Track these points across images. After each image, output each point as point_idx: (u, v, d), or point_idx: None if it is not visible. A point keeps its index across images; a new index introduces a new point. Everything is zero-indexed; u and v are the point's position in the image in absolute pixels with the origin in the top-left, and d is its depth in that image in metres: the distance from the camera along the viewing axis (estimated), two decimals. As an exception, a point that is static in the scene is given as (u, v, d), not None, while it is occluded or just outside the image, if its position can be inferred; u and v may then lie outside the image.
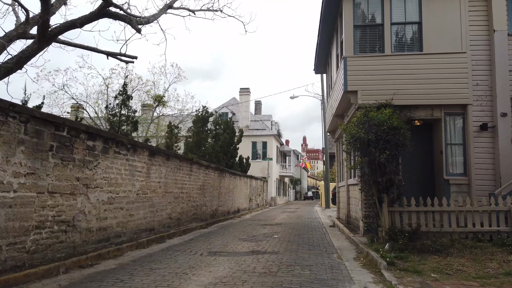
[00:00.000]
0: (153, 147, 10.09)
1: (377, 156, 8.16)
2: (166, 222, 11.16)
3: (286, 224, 15.05)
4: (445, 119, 10.45)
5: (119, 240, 8.43)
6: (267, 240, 10.01)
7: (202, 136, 16.72)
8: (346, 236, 10.84)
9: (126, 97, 10.72)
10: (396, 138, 8.35)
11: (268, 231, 12.22)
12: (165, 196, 11.03)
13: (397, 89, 10.28)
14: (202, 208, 14.59)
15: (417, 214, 8.50)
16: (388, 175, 8.28)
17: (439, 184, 10.40)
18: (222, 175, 17.53)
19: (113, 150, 8.15)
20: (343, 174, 15.30)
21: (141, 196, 9.52)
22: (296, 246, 8.96)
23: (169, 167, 11.25)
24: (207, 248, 8.69)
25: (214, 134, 20.02)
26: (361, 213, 10.32)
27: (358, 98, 10.43)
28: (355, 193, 12.14)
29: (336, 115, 14.13)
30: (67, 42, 10.30)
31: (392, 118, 8.50)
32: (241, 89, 41.52)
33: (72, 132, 6.76)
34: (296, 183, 65.68)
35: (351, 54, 10.73)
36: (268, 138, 40.55)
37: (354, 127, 8.72)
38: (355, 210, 12.34)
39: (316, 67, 18.48)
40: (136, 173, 9.21)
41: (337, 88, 12.52)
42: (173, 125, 17.14)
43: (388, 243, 7.69)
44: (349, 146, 9.08)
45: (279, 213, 23.35)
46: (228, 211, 18.94)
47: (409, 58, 10.58)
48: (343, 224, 13.31)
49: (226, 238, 10.56)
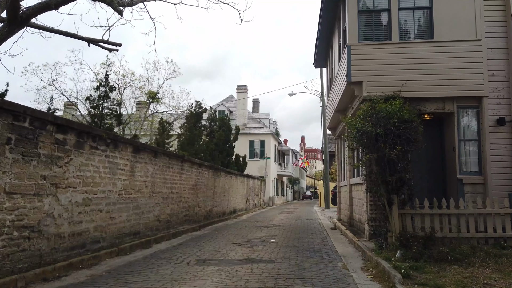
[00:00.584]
0: (138, 142, 9.17)
1: (387, 152, 7.27)
2: (154, 225, 10.24)
3: (284, 226, 14.16)
4: (458, 113, 9.56)
5: (97, 246, 7.51)
6: (263, 245, 9.10)
7: (195, 132, 15.79)
8: (349, 241, 9.95)
9: (109, 88, 9.80)
10: (407, 133, 7.46)
11: (265, 234, 11.32)
12: (153, 196, 10.11)
13: (406, 80, 9.39)
14: (194, 209, 13.67)
15: (431, 217, 7.62)
16: (398, 174, 7.38)
17: (452, 184, 9.52)
18: (217, 174, 16.61)
19: (89, 145, 7.22)
20: (345, 173, 14.41)
21: (124, 197, 8.60)
22: (296, 252, 8.06)
23: (157, 165, 10.33)
24: (196, 255, 7.78)
25: (209, 131, 19.09)
26: (366, 215, 9.43)
27: (363, 90, 9.53)
28: (359, 193, 11.25)
29: (338, 110, 13.23)
30: (43, 27, 9.36)
31: (403, 110, 7.61)
32: (238, 86, 40.59)
33: (36, 123, 5.84)
34: (294, 182, 64.81)
35: (355, 41, 9.83)
36: (266, 136, 39.64)
37: (360, 120, 7.83)
38: (358, 212, 11.45)
39: (315, 60, 17.59)
40: (118, 171, 8.29)
41: (340, 80, 11.62)
42: (165, 121, 16.22)
43: (399, 251, 6.79)
44: (354, 141, 8.19)
45: (277, 214, 22.46)
46: (224, 212, 18.03)
47: (419, 46, 9.70)
48: (345, 227, 12.42)
49: (219, 242, 9.65)
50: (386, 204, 7.51)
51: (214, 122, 19.70)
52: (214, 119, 19.60)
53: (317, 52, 16.49)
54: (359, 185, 11.03)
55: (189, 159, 12.78)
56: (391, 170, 7.42)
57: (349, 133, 8.63)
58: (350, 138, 8.52)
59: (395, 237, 7.29)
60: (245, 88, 40.25)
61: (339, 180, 16.54)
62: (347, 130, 10.29)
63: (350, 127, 8.35)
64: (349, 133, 8.77)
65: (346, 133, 10.65)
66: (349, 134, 8.67)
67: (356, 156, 10.45)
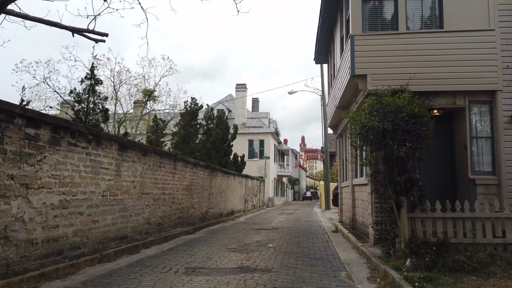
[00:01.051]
0: (124, 139, 8.49)
1: (395, 149, 6.59)
2: (143, 228, 9.57)
3: (283, 229, 13.49)
4: (470, 108, 8.89)
5: (77, 253, 6.84)
6: (260, 250, 8.43)
7: (190, 130, 15.08)
8: (353, 245, 9.28)
9: (95, 81, 9.12)
10: (417, 128, 6.79)
11: (262, 238, 10.65)
12: (142, 198, 9.44)
13: (413, 72, 8.73)
14: (189, 211, 13.00)
15: (443, 221, 6.94)
16: (407, 174, 6.71)
17: (463, 185, 8.85)
18: (213, 174, 15.94)
19: (67, 141, 6.55)
20: (347, 173, 13.74)
21: (109, 198, 7.93)
22: (295, 259, 7.38)
23: (147, 164, 9.66)
24: (186, 262, 7.11)
25: (205, 129, 18.39)
26: (370, 218, 8.76)
27: (368, 84, 8.87)
28: (362, 194, 10.58)
29: (340, 106, 12.56)
30: (24, 15, 8.68)
31: (413, 104, 6.94)
32: (237, 85, 39.90)
33: (2, 116, 5.17)
34: (294, 183, 64.11)
35: (359, 32, 9.16)
36: (266, 136, 38.95)
37: (365, 115, 7.16)
38: (362, 214, 10.78)
39: (316, 56, 16.91)
40: (101, 171, 7.62)
41: (342, 74, 10.95)
42: (158, 119, 15.54)
43: (409, 259, 6.12)
44: (358, 138, 7.52)
45: (276, 215, 21.79)
46: (221, 213, 17.36)
47: (428, 36, 9.03)
48: (347, 230, 11.74)
49: (212, 247, 8.98)
50: (394, 206, 6.83)
51: (211, 121, 19.00)
52: (211, 117, 18.89)
53: (318, 47, 15.82)
54: (363, 185, 10.36)
55: (182, 158, 12.10)
56: (400, 169, 6.75)
57: (353, 130, 7.96)
58: (354, 135, 7.85)
59: (405, 243, 6.61)
60: (244, 86, 39.55)
61: (340, 181, 15.87)
62: (350, 127, 9.63)
63: (354, 122, 7.68)
64: (352, 129, 8.09)
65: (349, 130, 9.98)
66: (353, 130, 8.00)
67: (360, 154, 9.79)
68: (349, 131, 9.58)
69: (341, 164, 15.83)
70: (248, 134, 38.62)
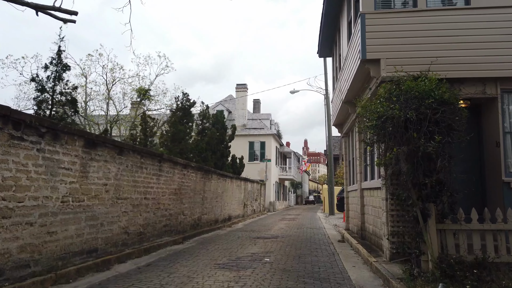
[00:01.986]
0: (92, 134, 7.17)
1: (422, 144, 5.23)
2: (120, 239, 8.22)
3: (283, 237, 12.11)
4: (503, 98, 7.53)
5: (25, 273, 5.50)
6: (253, 267, 7.06)
7: (180, 128, 13.71)
8: (364, 260, 7.89)
9: (62, 67, 7.79)
10: (448, 118, 5.42)
11: (259, 250, 9.28)
12: (117, 203, 8.11)
13: (435, 56, 7.38)
14: (178, 218, 11.65)
15: (481, 234, 5.56)
16: (436, 175, 5.34)
17: (494, 189, 7.46)
18: (208, 177, 14.59)
19: (8, 134, 5.23)
20: (355, 176, 12.36)
21: (72, 205, 6.59)
22: (295, 281, 6.01)
23: (124, 164, 8.33)
24: (161, 284, 5.76)
25: (200, 129, 17.03)
26: (385, 228, 7.38)
27: (381, 70, 7.53)
28: (374, 200, 9.20)
29: (347, 101, 11.20)
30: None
31: (442, 88, 5.59)
32: (238, 85, 38.58)
33: None
34: (297, 186, 62.62)
35: (371, 9, 7.84)
36: (267, 138, 37.56)
37: (381, 103, 5.81)
38: (373, 223, 9.39)
39: (320, 48, 15.57)
40: (61, 171, 6.29)
41: (350, 62, 9.61)
42: (148, 116, 14.23)
43: (441, 284, 4.73)
44: (372, 132, 6.16)
45: (277, 221, 20.40)
46: (216, 220, 15.99)
47: (452, 14, 7.71)
48: (356, 240, 10.35)
49: (199, 262, 7.62)
50: (419, 215, 5.45)
51: (206, 119, 17.64)
52: (206, 116, 17.53)
53: (322, 38, 14.49)
54: (375, 190, 8.99)
55: (170, 158, 10.76)
56: (427, 169, 5.39)
57: (365, 122, 6.60)
58: (366, 128, 6.49)
59: (434, 262, 5.23)
60: (244, 87, 38.22)
61: (346, 184, 14.49)
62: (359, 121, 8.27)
63: (366, 113, 6.33)
64: (364, 122, 6.73)
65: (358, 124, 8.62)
66: (365, 123, 6.64)
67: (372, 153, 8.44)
68: (358, 125, 8.23)
69: (347, 166, 14.46)
70: (249, 135, 37.26)
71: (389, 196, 7.19)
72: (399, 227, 7.11)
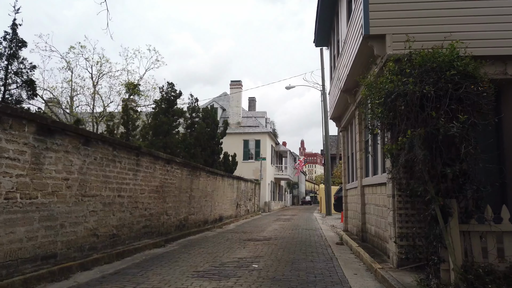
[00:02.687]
0: (48, 119, 6.09)
1: (442, 126, 4.21)
2: (87, 243, 7.15)
3: (276, 240, 11.07)
4: (527, 79, 6.53)
5: (-49, 286, 4.42)
6: (238, 276, 6.00)
7: (163, 119, 12.56)
8: (366, 266, 6.87)
9: (17, 43, 6.71)
10: (474, 95, 4.40)
11: (247, 254, 8.23)
12: (83, 201, 7.04)
13: (448, 31, 6.36)
14: (160, 218, 10.58)
15: None
16: (460, 164, 4.31)
17: (517, 183, 6.46)
18: (195, 174, 13.52)
19: None
20: (355, 172, 11.36)
21: (20, 202, 5.52)
22: (286, 293, 4.97)
23: (91, 156, 7.26)
24: (122, 298, 4.70)
25: (189, 123, 15.91)
26: (392, 230, 6.35)
27: (387, 47, 6.52)
28: (377, 197, 8.18)
29: (346, 89, 10.20)
30: None
31: (466, 59, 4.57)
32: (232, 82, 37.44)
33: None
34: (293, 186, 61.57)
35: (375, -23, 6.82)
36: (262, 136, 36.47)
37: (392, 78, 4.78)
38: (376, 223, 8.37)
39: (316, 36, 14.56)
40: (4, 162, 5.22)
41: (350, 42, 8.60)
42: (130, 108, 13.13)
43: (469, 300, 3.71)
44: (380, 114, 5.13)
45: (271, 222, 19.35)
46: (205, 220, 14.92)
47: (468, -17, 6.70)
48: (356, 242, 9.34)
49: (175, 269, 6.56)
50: (438, 213, 4.41)
51: (196, 113, 16.52)
52: (195, 109, 16.38)
53: (319, 24, 13.48)
54: (378, 186, 7.97)
55: (149, 152, 9.69)
56: (447, 157, 4.37)
57: (371, 105, 5.58)
58: (372, 113, 5.46)
59: (457, 271, 4.21)
60: (239, 83, 37.09)
61: (345, 182, 13.48)
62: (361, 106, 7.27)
63: (372, 92, 5.30)
64: (369, 104, 5.71)
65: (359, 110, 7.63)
66: (369, 105, 5.62)
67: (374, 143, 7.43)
68: (360, 110, 7.21)
69: (346, 162, 13.46)
70: (243, 134, 36.17)
71: (396, 192, 6.18)
72: (408, 228, 6.10)
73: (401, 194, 6.17)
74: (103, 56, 22.21)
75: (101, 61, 20.51)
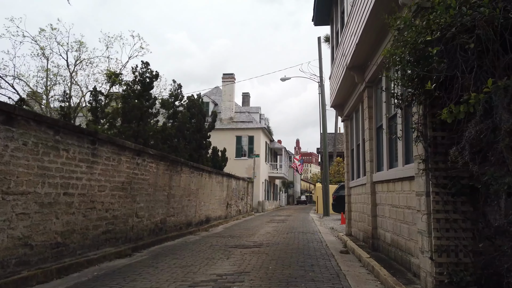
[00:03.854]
0: None
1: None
2: (12, 256, 5.33)
3: (268, 246, 9.29)
4: None
5: None
6: (210, 308, 4.21)
7: (134, 103, 10.64)
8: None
9: None
10: None
11: (230, 269, 6.44)
12: (5, 201, 5.21)
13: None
14: (128, 221, 8.76)
15: None
16: None
17: None
18: (176, 169, 11.71)
19: None
20: (361, 166, 9.62)
21: None
22: None
23: (18, 140, 5.44)
24: None
25: (171, 112, 14.06)
26: (426, 240, 4.58)
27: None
28: (396, 196, 6.41)
29: (352, 66, 8.47)
30: None
31: None
32: (224, 75, 35.58)
33: None
34: (288, 186, 59.84)
35: None
36: (256, 132, 34.66)
37: (451, 3, 3.00)
38: (394, 229, 6.60)
39: (316, 14, 12.78)
40: None
41: (360, 2, 6.81)
42: (99, 92, 11.26)
43: None
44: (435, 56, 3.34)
45: (264, 223, 17.59)
46: (189, 223, 13.12)
47: None
48: (365, 251, 7.58)
49: (126, 295, 4.76)
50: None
51: (179, 101, 14.69)
52: (178, 97, 14.51)
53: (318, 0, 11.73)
54: (398, 181, 6.21)
55: (111, 139, 7.87)
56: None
57: (407, 54, 3.80)
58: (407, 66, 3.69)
59: None
60: (231, 77, 35.23)
61: (348, 179, 11.73)
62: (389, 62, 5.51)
63: (411, 34, 3.50)
64: (403, 57, 3.93)
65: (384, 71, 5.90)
66: (407, 56, 3.84)
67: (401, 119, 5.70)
68: (385, 71, 5.44)
69: (349, 157, 11.72)
70: (236, 129, 34.35)
71: (433, 189, 4.43)
72: (450, 240, 4.36)
73: (439, 192, 4.43)
74: (81, 42, 20.18)
75: (77, 47, 18.56)
